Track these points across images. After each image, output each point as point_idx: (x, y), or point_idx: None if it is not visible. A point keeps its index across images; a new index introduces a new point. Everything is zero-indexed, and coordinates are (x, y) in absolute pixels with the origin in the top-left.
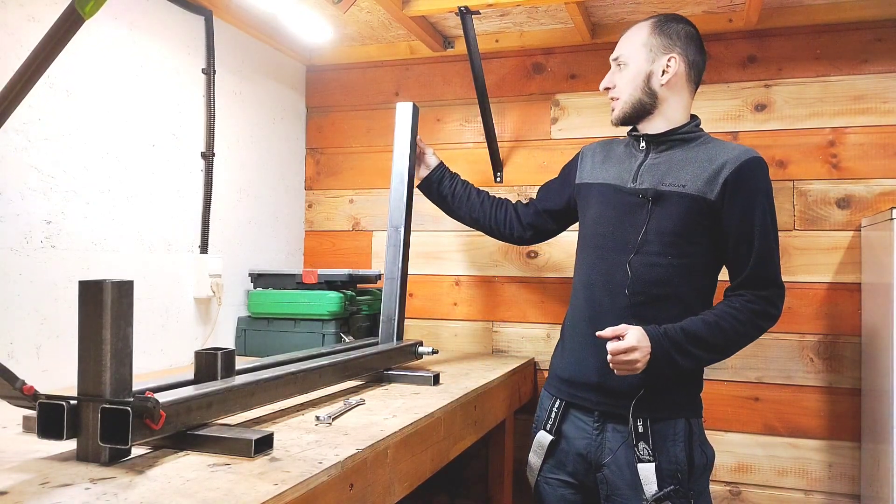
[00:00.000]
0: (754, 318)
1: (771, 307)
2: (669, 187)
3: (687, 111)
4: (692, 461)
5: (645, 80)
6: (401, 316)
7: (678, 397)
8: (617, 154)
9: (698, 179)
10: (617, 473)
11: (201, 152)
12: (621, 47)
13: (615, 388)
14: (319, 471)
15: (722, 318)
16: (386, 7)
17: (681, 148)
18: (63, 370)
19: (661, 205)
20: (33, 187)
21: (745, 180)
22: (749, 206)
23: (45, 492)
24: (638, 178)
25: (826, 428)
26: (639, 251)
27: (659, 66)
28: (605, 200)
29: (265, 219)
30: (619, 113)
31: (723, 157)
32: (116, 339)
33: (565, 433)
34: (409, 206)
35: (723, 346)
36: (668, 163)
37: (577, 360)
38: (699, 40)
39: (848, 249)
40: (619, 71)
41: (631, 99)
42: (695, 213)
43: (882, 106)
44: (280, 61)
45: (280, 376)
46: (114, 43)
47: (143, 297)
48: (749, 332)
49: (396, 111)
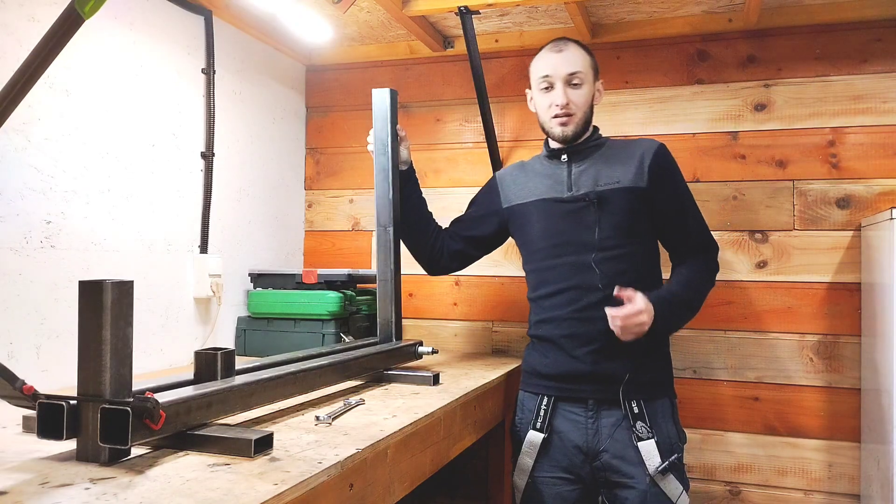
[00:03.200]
0: (711, 275)
1: (715, 264)
2: (606, 186)
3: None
4: (680, 436)
5: (592, 99)
6: (397, 317)
7: (661, 378)
8: (536, 171)
9: (627, 173)
10: (618, 456)
11: (201, 152)
12: (576, 64)
13: (607, 375)
14: (319, 471)
15: (692, 277)
16: (386, 7)
17: (596, 153)
18: (63, 370)
19: (605, 203)
20: (33, 187)
21: (663, 164)
22: (673, 184)
23: (44, 492)
24: (573, 186)
25: (826, 428)
26: (599, 248)
27: (596, 89)
28: (548, 213)
29: (265, 219)
30: (575, 129)
31: (637, 150)
32: (116, 339)
33: (557, 429)
34: (396, 203)
35: (695, 301)
36: (594, 167)
37: (563, 356)
38: None
39: (848, 249)
40: (573, 89)
41: (584, 117)
42: (635, 202)
43: (882, 106)
44: (280, 61)
45: (280, 376)
46: (113, 43)
47: (143, 297)
48: (707, 290)
49: (373, 99)
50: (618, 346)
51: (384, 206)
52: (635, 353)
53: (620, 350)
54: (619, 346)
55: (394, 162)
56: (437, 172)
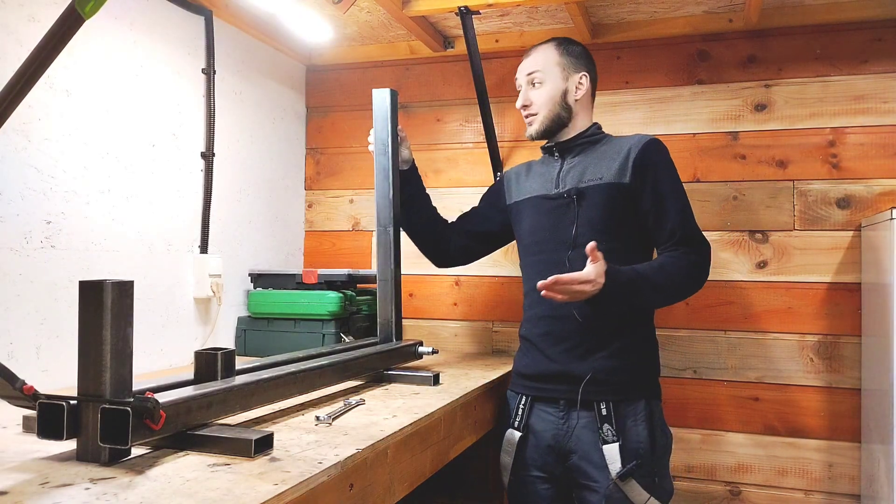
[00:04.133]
0: (692, 268)
1: (702, 259)
2: (588, 182)
3: (591, 118)
4: (654, 440)
5: (562, 96)
6: (398, 317)
7: (638, 379)
8: (536, 169)
9: (611, 169)
10: (584, 458)
11: (201, 152)
12: (535, 65)
13: (577, 375)
14: (319, 471)
15: (667, 264)
16: (386, 7)
17: (590, 149)
18: (63, 370)
19: (585, 200)
20: (33, 187)
21: (649, 158)
22: (657, 177)
23: (45, 492)
24: (560, 183)
25: (826, 428)
26: (575, 245)
27: (572, 84)
28: (537, 210)
29: (265, 219)
30: (538, 127)
31: (627, 145)
32: (116, 339)
33: (533, 427)
34: (396, 203)
35: (667, 288)
36: (583, 163)
37: (539, 356)
38: (593, 59)
39: (848, 249)
40: (535, 89)
41: (550, 114)
42: (615, 198)
43: (882, 106)
44: (280, 61)
45: (280, 376)
46: (114, 43)
47: (143, 297)
48: (687, 281)
49: (373, 99)
50: (591, 346)
51: (384, 207)
52: (610, 353)
53: (593, 349)
54: (592, 346)
55: (394, 162)
56: (438, 172)
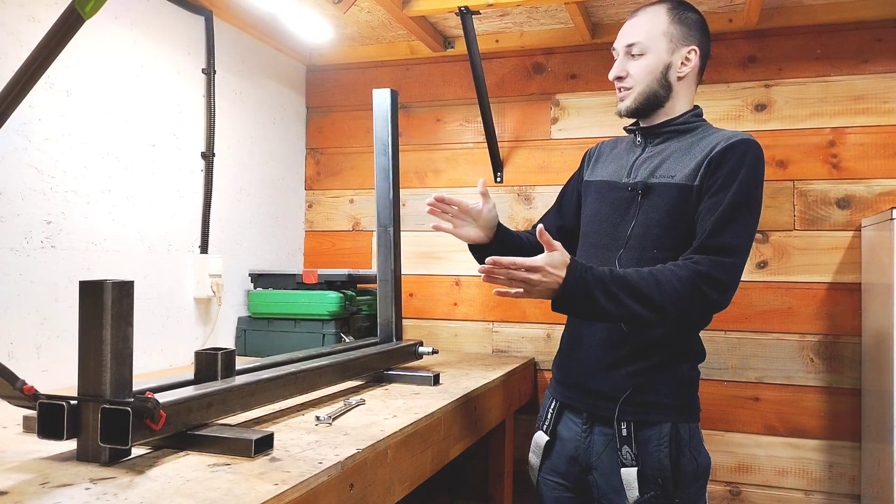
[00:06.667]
0: (696, 280)
1: (718, 272)
2: (659, 179)
3: (690, 103)
4: (679, 467)
5: (663, 71)
6: (398, 317)
7: (664, 400)
8: (619, 151)
9: (687, 167)
10: (603, 478)
11: (201, 152)
12: (636, 34)
13: (600, 390)
14: (319, 471)
15: (660, 271)
16: (386, 7)
17: (677, 139)
18: (63, 370)
19: (649, 197)
20: (33, 187)
21: (727, 158)
22: (726, 181)
23: (45, 492)
24: (632, 173)
25: (826, 428)
26: (626, 246)
27: (678, 58)
28: (601, 197)
29: (265, 219)
30: (630, 103)
31: (716, 141)
32: (116, 339)
33: (559, 434)
34: (396, 203)
35: (656, 299)
36: (663, 154)
37: (568, 360)
38: (709, 30)
39: (848, 249)
40: (634, 60)
41: (647, 90)
42: (681, 202)
43: (882, 106)
44: (280, 61)
45: (280, 376)
46: (114, 43)
47: (143, 297)
48: (689, 295)
49: (374, 99)
50: (620, 357)
51: (385, 206)
52: (638, 369)
53: (620, 362)
54: (621, 357)
55: (394, 162)
56: (438, 172)
